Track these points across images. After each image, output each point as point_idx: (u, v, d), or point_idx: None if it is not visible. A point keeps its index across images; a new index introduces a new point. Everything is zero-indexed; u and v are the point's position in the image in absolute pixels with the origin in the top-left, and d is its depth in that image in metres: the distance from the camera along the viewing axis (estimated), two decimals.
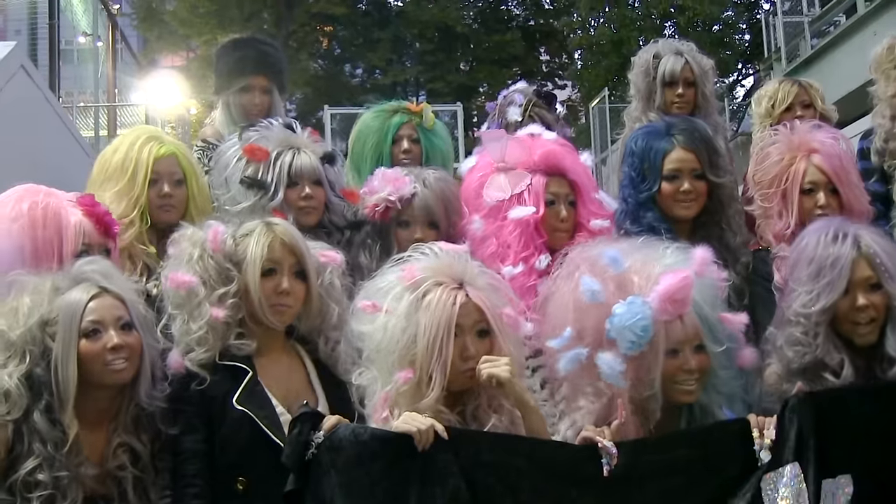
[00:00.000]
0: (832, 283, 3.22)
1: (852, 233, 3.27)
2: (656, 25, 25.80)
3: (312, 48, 31.91)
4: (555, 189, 3.93)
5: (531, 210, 3.87)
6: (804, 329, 3.25)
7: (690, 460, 2.89)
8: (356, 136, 5.00)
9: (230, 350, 3.32)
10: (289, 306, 3.40)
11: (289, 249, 3.42)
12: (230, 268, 3.37)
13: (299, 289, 3.42)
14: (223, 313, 3.30)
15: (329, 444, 2.77)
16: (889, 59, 5.08)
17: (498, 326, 3.06)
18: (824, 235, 3.29)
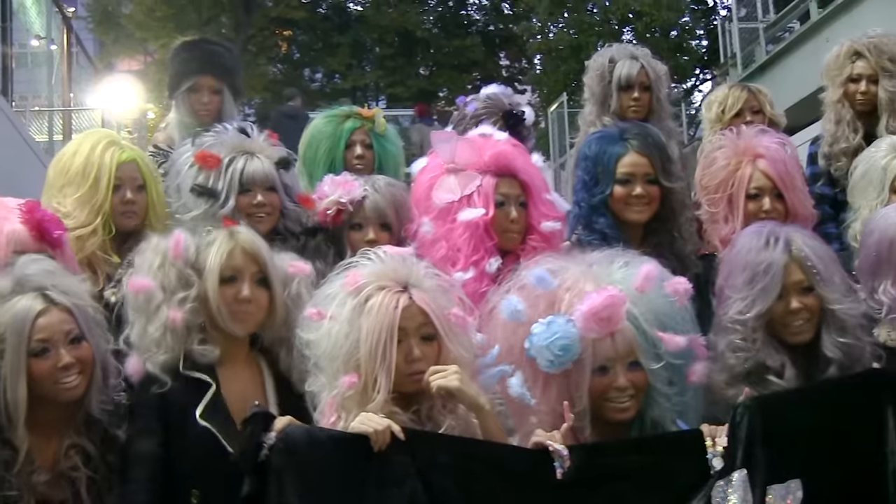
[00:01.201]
0: (766, 289, 3.24)
1: (783, 237, 3.30)
2: (615, 31, 25.87)
3: (271, 52, 31.79)
4: (505, 190, 3.89)
5: (481, 212, 3.84)
6: (742, 335, 3.26)
7: (643, 466, 2.89)
8: (308, 141, 4.96)
9: (193, 356, 3.29)
10: (250, 314, 3.36)
11: (250, 257, 3.38)
12: (190, 273, 3.33)
13: (262, 297, 3.38)
14: (181, 316, 3.27)
15: (283, 445, 2.75)
16: (836, 66, 5.21)
17: (444, 329, 3.05)
18: (756, 241, 3.32)
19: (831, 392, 3.10)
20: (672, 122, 5.40)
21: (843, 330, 3.25)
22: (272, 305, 3.40)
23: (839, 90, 5.19)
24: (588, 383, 3.01)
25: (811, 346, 3.28)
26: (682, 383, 3.14)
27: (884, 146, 4.19)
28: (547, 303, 3.08)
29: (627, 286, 3.07)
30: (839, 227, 4.64)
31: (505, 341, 3.13)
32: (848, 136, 5.08)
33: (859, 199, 4.15)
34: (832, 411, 2.95)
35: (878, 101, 5.09)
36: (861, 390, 3.01)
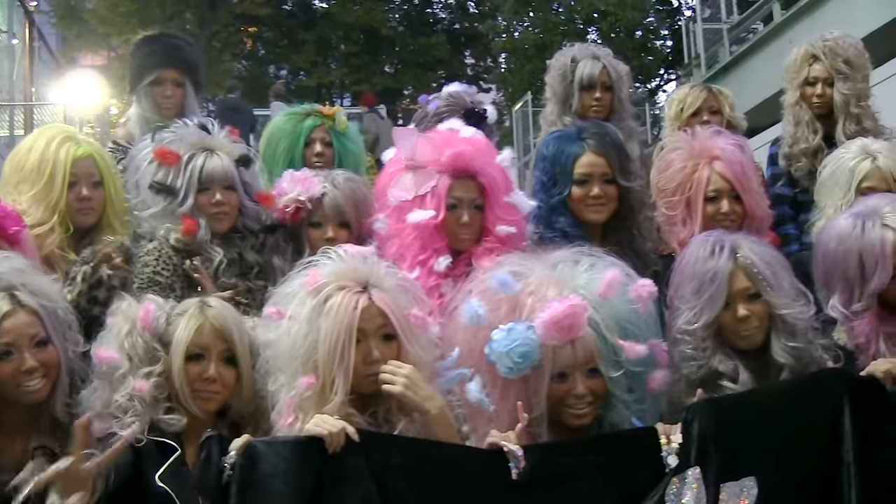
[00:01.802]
0: (712, 298, 3.24)
1: (729, 244, 3.30)
2: (580, 30, 25.94)
3: (236, 49, 31.64)
4: (459, 193, 3.83)
5: (430, 214, 3.80)
6: (692, 345, 3.26)
7: (598, 465, 2.89)
8: (268, 139, 4.95)
9: (159, 425, 3.18)
10: (215, 393, 3.23)
11: (219, 334, 3.25)
12: (157, 348, 3.22)
13: (228, 375, 3.25)
14: (148, 387, 3.16)
15: (243, 461, 2.71)
16: (794, 69, 5.25)
17: (403, 330, 3.04)
18: (702, 250, 3.32)
19: (786, 392, 3.12)
20: (633, 121, 5.43)
21: (792, 335, 3.24)
22: (239, 383, 3.28)
23: (797, 92, 5.24)
24: (546, 389, 3.01)
25: (763, 351, 3.28)
26: (642, 390, 3.14)
27: (854, 148, 4.22)
28: (509, 307, 3.07)
29: (590, 292, 3.07)
30: (799, 227, 4.69)
31: (465, 344, 3.12)
32: (807, 138, 5.12)
33: (825, 198, 4.17)
34: (787, 411, 2.97)
35: (834, 103, 5.13)
36: (817, 390, 3.03)
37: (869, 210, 3.37)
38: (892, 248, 3.27)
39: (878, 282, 3.29)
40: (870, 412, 2.95)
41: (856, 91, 5.14)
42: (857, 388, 2.98)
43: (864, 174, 4.04)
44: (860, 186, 4.01)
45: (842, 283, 3.37)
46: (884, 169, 4.04)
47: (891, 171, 4.05)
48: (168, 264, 3.93)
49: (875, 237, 3.29)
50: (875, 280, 3.29)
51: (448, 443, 2.99)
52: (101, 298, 3.83)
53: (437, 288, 3.74)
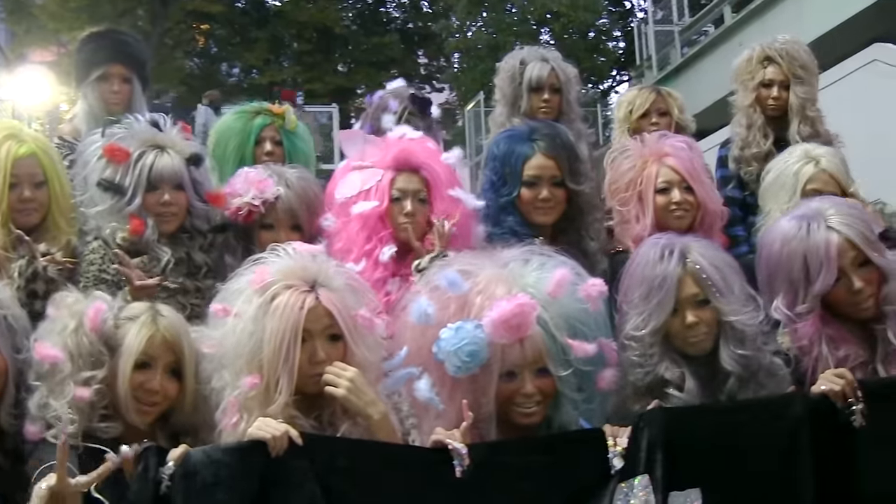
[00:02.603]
0: (661, 304, 3.23)
1: (679, 249, 3.29)
2: (532, 31, 26.04)
3: (188, 46, 31.37)
4: (402, 185, 3.89)
5: (373, 204, 3.84)
6: (639, 351, 3.26)
7: (544, 465, 2.89)
8: (217, 137, 4.93)
9: (95, 433, 3.09)
10: (155, 404, 3.17)
11: (169, 346, 3.19)
12: (103, 351, 3.14)
13: (171, 388, 3.19)
14: (88, 394, 3.08)
15: (182, 472, 2.66)
16: (747, 70, 5.27)
17: (350, 331, 3.02)
18: (652, 254, 3.30)
19: (743, 410, 3.12)
20: (582, 123, 5.43)
21: (741, 342, 3.24)
22: (180, 396, 3.22)
23: (751, 95, 5.25)
24: (495, 388, 3.01)
25: (711, 357, 3.28)
26: (591, 390, 3.14)
27: (797, 152, 4.27)
28: (458, 306, 3.06)
29: (539, 291, 3.06)
30: (748, 229, 4.72)
31: (414, 343, 3.11)
32: (759, 142, 5.14)
33: (771, 202, 4.21)
34: (741, 428, 2.97)
35: (789, 106, 5.17)
36: (774, 411, 3.03)
37: (813, 212, 3.38)
38: (837, 250, 3.28)
39: (823, 284, 3.30)
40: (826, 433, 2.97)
41: (811, 95, 5.19)
42: (816, 412, 2.99)
43: (809, 177, 4.09)
44: (805, 189, 4.06)
45: (786, 284, 3.37)
46: (828, 171, 4.10)
47: (834, 172, 4.10)
48: (114, 263, 3.88)
49: (820, 239, 3.30)
50: (819, 282, 3.30)
51: (392, 443, 2.99)
52: (41, 292, 3.77)
53: (383, 282, 3.76)
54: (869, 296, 3.32)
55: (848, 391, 2.98)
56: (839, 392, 2.98)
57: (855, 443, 2.97)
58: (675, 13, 22.43)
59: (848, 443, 2.97)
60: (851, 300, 3.33)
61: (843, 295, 3.32)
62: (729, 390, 3.22)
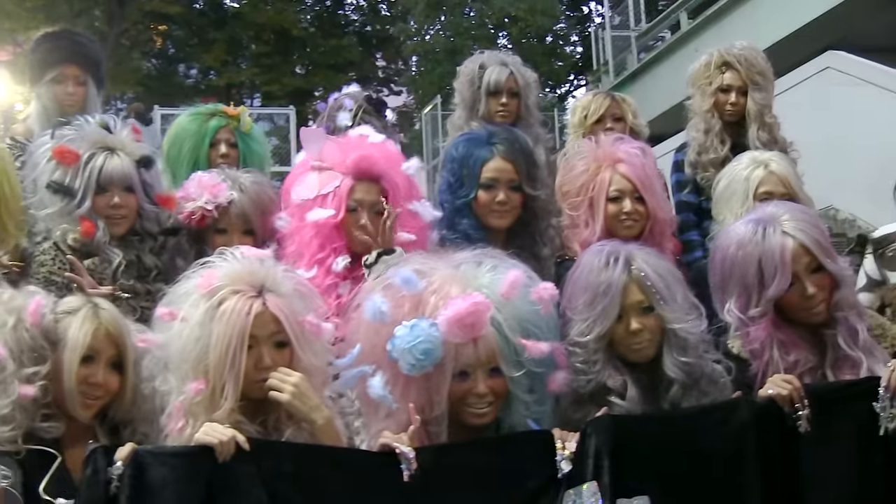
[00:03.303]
0: (605, 310, 3.21)
1: (624, 256, 3.28)
2: (490, 35, 26.12)
3: (145, 47, 31.27)
4: (360, 195, 3.86)
5: (329, 213, 3.81)
6: (583, 357, 3.24)
7: (492, 467, 2.89)
8: (172, 139, 4.89)
9: (36, 433, 3.04)
10: (98, 398, 3.14)
11: (111, 339, 3.16)
12: (45, 346, 3.10)
13: (113, 381, 3.15)
14: (33, 391, 3.02)
15: (130, 472, 2.65)
16: (705, 75, 5.27)
17: (297, 337, 3.00)
18: (596, 261, 3.29)
19: (690, 417, 3.12)
20: (541, 128, 5.42)
21: (684, 349, 3.24)
22: (122, 390, 3.18)
23: (709, 99, 5.24)
24: (448, 388, 3.00)
25: (653, 365, 3.28)
26: (542, 392, 3.14)
27: (745, 159, 4.27)
28: (412, 304, 3.06)
29: (493, 292, 3.06)
30: (703, 234, 4.73)
31: (367, 341, 3.09)
32: (716, 147, 5.13)
33: (724, 209, 4.20)
34: (688, 435, 2.99)
35: (746, 112, 5.19)
36: (721, 418, 3.04)
37: (768, 216, 3.38)
38: (792, 255, 3.29)
39: (777, 288, 3.30)
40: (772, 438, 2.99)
41: (768, 102, 5.20)
42: (762, 416, 3.01)
43: (760, 180, 4.10)
44: (757, 193, 4.06)
45: (739, 287, 3.37)
46: (778, 174, 4.10)
47: (785, 175, 4.11)
48: (65, 264, 3.86)
49: (776, 244, 3.30)
50: (774, 286, 3.30)
51: (339, 447, 2.99)
52: None
53: (334, 287, 3.74)
54: (821, 301, 3.33)
55: (795, 396, 3.00)
56: (786, 397, 3.01)
57: (801, 448, 3.00)
58: (632, 19, 22.57)
59: (794, 447, 3.00)
60: (804, 305, 3.34)
61: (795, 300, 3.33)
62: (671, 398, 3.22)
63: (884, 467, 3.03)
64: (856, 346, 3.31)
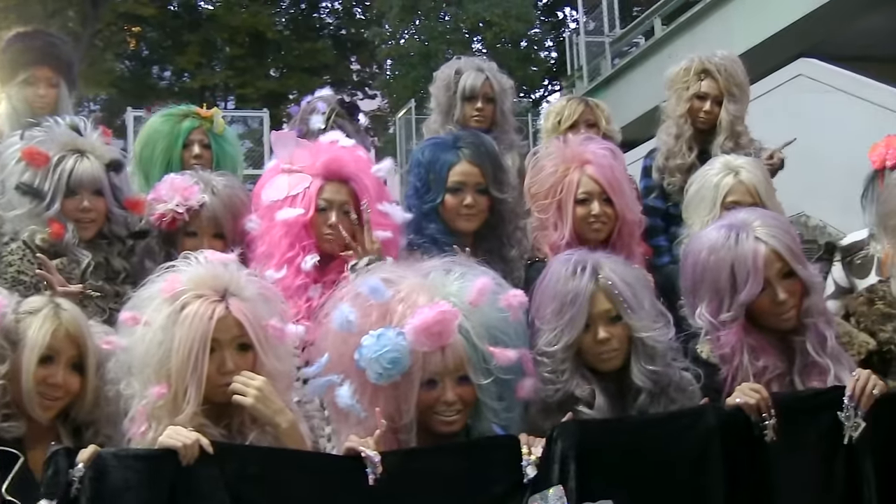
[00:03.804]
0: (573, 319, 3.22)
1: (591, 265, 3.28)
2: (464, 39, 26.15)
3: (119, 48, 31.08)
4: (329, 196, 3.87)
5: (298, 212, 3.82)
6: (550, 367, 3.24)
7: (457, 472, 2.88)
8: (145, 140, 4.88)
9: None
10: (57, 398, 3.12)
11: (72, 339, 3.14)
12: (4, 346, 3.09)
13: (73, 383, 3.14)
14: None
15: (92, 473, 2.62)
16: (683, 80, 5.30)
17: (260, 341, 2.99)
18: (564, 270, 3.29)
19: (657, 423, 3.12)
20: (516, 134, 5.45)
21: (651, 358, 3.24)
22: (82, 391, 3.16)
23: (684, 105, 5.27)
24: (416, 396, 3.00)
25: (621, 374, 3.28)
26: (511, 399, 3.13)
27: (717, 164, 4.28)
28: (379, 313, 3.05)
29: (461, 299, 3.06)
30: (670, 239, 4.75)
31: (335, 350, 3.08)
32: (684, 153, 5.17)
33: (693, 215, 4.22)
34: (654, 441, 2.99)
35: (718, 121, 5.21)
36: (688, 424, 3.05)
37: (740, 222, 3.40)
38: (764, 260, 3.30)
39: (749, 293, 3.31)
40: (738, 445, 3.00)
41: (741, 113, 5.25)
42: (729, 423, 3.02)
43: (729, 189, 4.11)
44: (725, 201, 4.08)
45: (711, 292, 3.38)
46: (747, 183, 4.12)
47: (754, 184, 4.13)
48: (33, 264, 3.85)
49: (748, 249, 3.31)
50: (746, 291, 3.31)
51: (304, 451, 2.97)
52: None
53: (304, 289, 3.75)
54: (791, 307, 3.35)
55: (762, 406, 3.01)
56: (753, 406, 3.01)
57: (766, 455, 3.01)
58: (606, 24, 22.64)
59: (760, 456, 3.01)
60: (774, 311, 3.36)
61: (766, 305, 3.35)
62: (639, 406, 3.23)
63: (847, 476, 3.05)
64: (824, 353, 3.34)
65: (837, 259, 4.74)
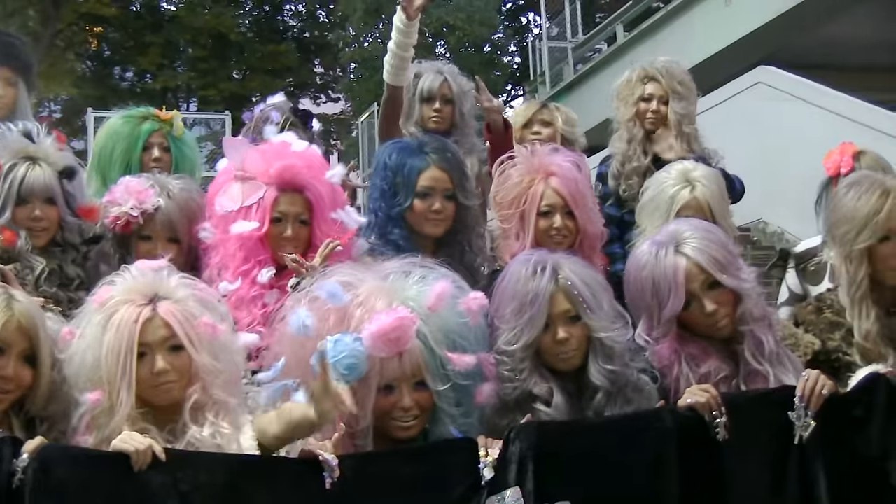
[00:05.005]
0: (533, 319, 3.24)
1: (551, 265, 3.30)
2: (428, 44, 26.12)
3: (80, 49, 30.87)
4: (284, 207, 3.85)
5: (253, 226, 3.80)
6: (510, 366, 3.25)
7: (415, 475, 2.89)
8: (104, 141, 4.83)
9: None
10: (8, 391, 3.02)
11: (24, 332, 3.04)
12: None
13: (25, 375, 3.03)
14: None
15: (37, 465, 2.60)
16: (628, 88, 5.37)
17: (191, 339, 2.98)
18: (524, 270, 3.31)
19: (614, 425, 3.15)
20: (476, 137, 5.46)
21: (610, 357, 3.27)
22: (35, 385, 3.06)
23: (631, 109, 5.34)
24: (373, 402, 3.00)
25: (579, 373, 3.31)
26: (469, 404, 3.14)
27: (674, 172, 4.26)
28: (337, 318, 3.04)
29: (419, 304, 3.06)
30: (625, 247, 4.75)
31: (292, 355, 3.07)
32: (639, 157, 5.23)
33: (646, 220, 4.23)
34: (612, 443, 3.03)
35: (667, 121, 5.28)
36: (645, 426, 3.09)
37: (667, 237, 3.46)
38: (685, 275, 3.36)
39: (671, 308, 3.38)
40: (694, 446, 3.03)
41: (688, 112, 5.31)
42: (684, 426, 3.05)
43: (683, 203, 4.10)
44: (678, 214, 4.07)
45: (641, 310, 3.46)
46: (700, 199, 4.10)
47: (707, 200, 4.11)
48: None
49: (668, 265, 3.38)
50: (668, 307, 3.38)
51: (261, 455, 2.94)
52: None
53: (260, 297, 3.74)
54: (724, 316, 3.40)
55: (712, 403, 3.06)
56: (705, 404, 3.06)
57: (720, 456, 3.05)
58: (569, 30, 22.73)
59: (715, 456, 3.05)
60: (706, 322, 3.41)
61: (697, 317, 3.41)
62: (596, 405, 3.26)
63: (798, 475, 3.10)
64: (762, 359, 3.39)
65: (791, 266, 4.79)
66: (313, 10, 32.73)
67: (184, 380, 2.99)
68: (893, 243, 3.59)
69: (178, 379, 2.97)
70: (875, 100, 10.93)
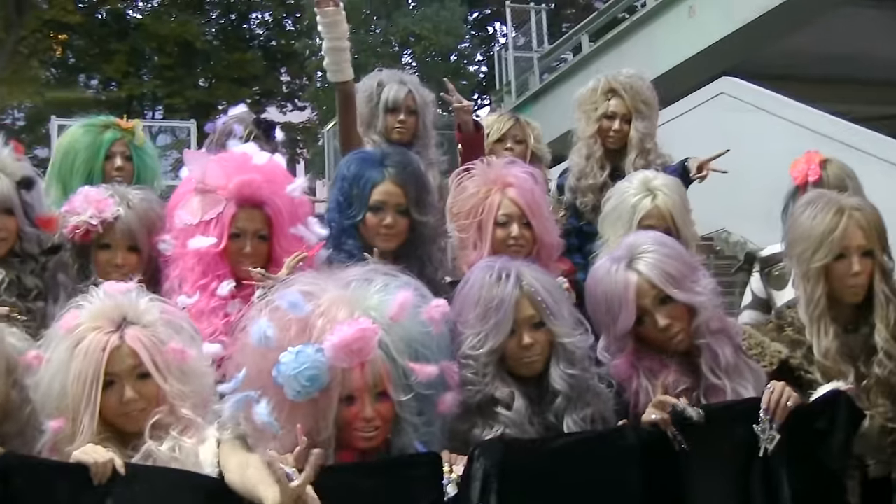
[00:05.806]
0: (499, 324, 3.26)
1: (514, 272, 3.33)
2: (394, 53, 26.15)
3: (44, 56, 30.63)
4: (243, 223, 3.84)
5: (211, 241, 3.79)
6: (473, 370, 3.27)
7: (377, 489, 2.89)
8: (65, 150, 4.81)
9: None
10: None
11: None
12: None
13: None
14: None
15: None
16: (591, 101, 5.38)
17: (158, 367, 2.99)
18: (489, 276, 3.33)
19: (580, 443, 3.15)
20: (437, 149, 5.46)
21: (571, 362, 3.30)
22: None
23: (594, 125, 5.35)
24: (335, 412, 2.98)
25: (540, 378, 3.33)
26: (431, 413, 3.13)
27: (636, 182, 4.27)
28: (299, 328, 3.02)
29: (381, 314, 3.05)
30: (585, 257, 4.76)
31: (254, 366, 3.05)
32: (595, 173, 5.26)
33: (608, 230, 4.24)
34: (577, 461, 3.05)
35: (629, 139, 5.29)
36: (610, 444, 3.11)
37: (623, 252, 3.50)
38: (636, 290, 3.39)
39: (623, 324, 3.42)
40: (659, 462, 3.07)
41: (650, 130, 5.33)
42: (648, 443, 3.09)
43: (646, 213, 4.12)
44: (640, 224, 4.10)
45: (598, 326, 3.50)
46: (662, 208, 4.12)
47: (670, 209, 4.13)
48: None
49: (619, 280, 3.41)
50: (619, 323, 3.42)
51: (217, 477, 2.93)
52: None
53: (221, 308, 3.73)
54: (679, 331, 3.43)
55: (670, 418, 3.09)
56: (667, 419, 3.09)
57: (686, 470, 3.08)
58: (535, 40, 22.82)
59: (680, 470, 3.08)
60: (661, 336, 3.43)
61: (652, 332, 3.44)
62: (556, 409, 3.28)
63: (763, 488, 3.12)
64: (720, 372, 3.40)
65: (756, 269, 4.82)
66: (280, 18, 32.62)
67: (152, 405, 2.99)
68: (849, 261, 3.62)
69: (147, 406, 2.97)
70: (836, 111, 11.02)
